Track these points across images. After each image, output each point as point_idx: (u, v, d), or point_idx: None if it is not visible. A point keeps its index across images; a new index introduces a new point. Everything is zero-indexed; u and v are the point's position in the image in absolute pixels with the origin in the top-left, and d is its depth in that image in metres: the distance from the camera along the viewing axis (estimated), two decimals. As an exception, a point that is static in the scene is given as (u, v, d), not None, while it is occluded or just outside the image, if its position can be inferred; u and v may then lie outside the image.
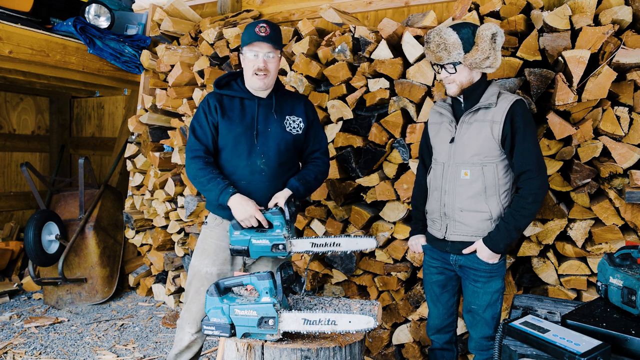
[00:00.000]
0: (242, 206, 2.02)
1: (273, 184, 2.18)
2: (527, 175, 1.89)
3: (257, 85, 2.16)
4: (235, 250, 2.02)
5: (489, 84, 2.00)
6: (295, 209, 2.07)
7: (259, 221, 2.03)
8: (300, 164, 2.37)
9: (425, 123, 2.23)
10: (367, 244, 1.98)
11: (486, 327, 2.05)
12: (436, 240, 2.12)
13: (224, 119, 2.16)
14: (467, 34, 1.88)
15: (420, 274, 2.74)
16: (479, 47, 1.87)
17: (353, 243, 1.98)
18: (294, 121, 2.24)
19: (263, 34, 2.08)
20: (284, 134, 2.20)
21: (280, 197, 2.12)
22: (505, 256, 2.04)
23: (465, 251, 2.01)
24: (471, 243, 2.00)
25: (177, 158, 3.72)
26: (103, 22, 4.12)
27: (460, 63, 1.91)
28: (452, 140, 2.02)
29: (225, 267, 2.25)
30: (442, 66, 1.95)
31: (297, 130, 2.24)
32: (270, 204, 2.13)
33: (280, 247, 1.94)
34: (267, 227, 2.03)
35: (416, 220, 2.29)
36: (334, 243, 1.98)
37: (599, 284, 1.56)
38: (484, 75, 2.00)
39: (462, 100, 2.02)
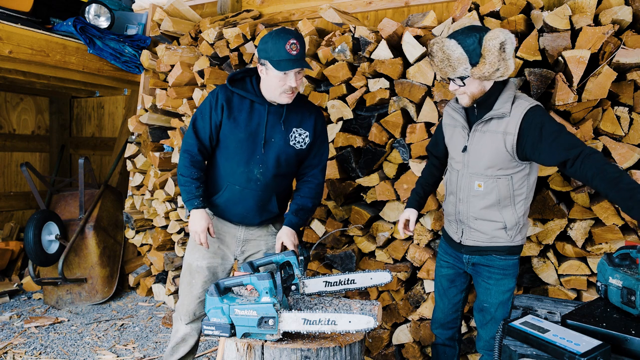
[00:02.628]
0: (197, 221, 2.09)
1: (266, 194, 2.19)
2: (580, 157, 1.67)
3: (283, 101, 2.06)
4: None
5: (504, 86, 1.88)
6: (308, 255, 1.98)
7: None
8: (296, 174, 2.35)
9: (440, 121, 2.19)
10: (382, 278, 1.93)
11: (496, 327, 2.03)
12: (451, 240, 2.11)
13: (229, 119, 2.11)
14: (472, 45, 1.74)
15: (420, 274, 2.74)
16: (487, 60, 1.73)
17: (367, 279, 1.94)
18: (299, 134, 2.17)
19: (295, 53, 1.95)
20: (286, 148, 2.15)
21: (284, 238, 2.13)
22: (519, 256, 2.02)
23: None
24: (487, 248, 1.98)
25: (177, 158, 3.72)
26: (103, 22, 4.12)
27: (468, 76, 1.80)
28: (464, 149, 1.96)
29: (214, 261, 2.26)
30: (450, 79, 1.86)
31: (301, 145, 2.18)
32: (277, 247, 2.15)
33: (293, 288, 1.90)
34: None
35: (413, 193, 2.26)
36: (348, 280, 1.94)
37: (598, 284, 1.55)
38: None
39: (475, 106, 1.92)
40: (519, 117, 1.80)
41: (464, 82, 1.82)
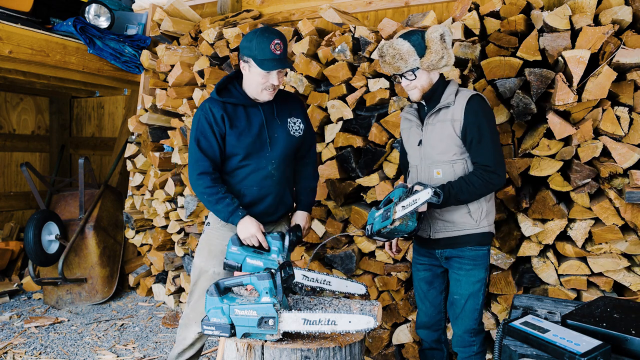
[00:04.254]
0: (247, 226, 2.04)
1: (282, 186, 2.25)
2: (485, 169, 1.94)
3: (265, 98, 2.13)
4: (228, 265, 2.01)
5: (447, 84, 2.05)
6: (296, 239, 2.05)
7: (259, 243, 2.05)
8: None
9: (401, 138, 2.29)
10: (355, 289, 1.96)
11: (467, 320, 2.05)
12: (421, 239, 2.13)
13: (232, 129, 2.12)
14: (417, 40, 1.94)
15: (420, 274, 2.74)
16: (432, 49, 1.93)
17: (342, 285, 1.97)
18: (294, 123, 2.25)
19: (279, 53, 2.03)
20: (289, 138, 2.22)
21: (300, 220, 2.29)
22: (489, 247, 2.07)
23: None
24: (458, 238, 2.02)
25: (177, 158, 3.72)
26: (103, 22, 4.12)
27: (418, 68, 1.96)
28: (420, 143, 2.07)
29: None
30: (401, 75, 2.00)
31: (299, 132, 2.26)
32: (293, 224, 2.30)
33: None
34: (266, 248, 2.04)
35: None
36: (324, 280, 1.97)
37: (367, 226, 1.99)
38: (441, 76, 2.06)
39: (424, 103, 2.08)
40: (463, 104, 1.97)
41: (415, 75, 1.98)
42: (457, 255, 2.04)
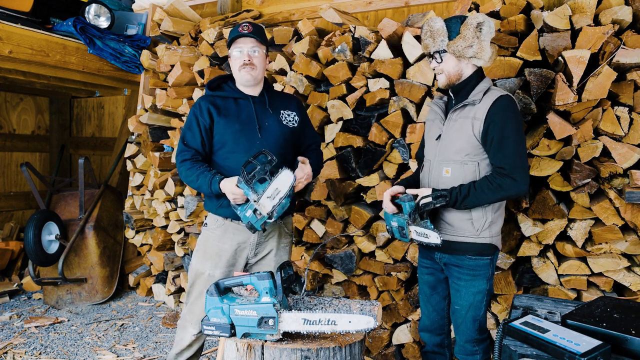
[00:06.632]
0: (227, 186, 2.03)
1: None
2: (499, 172, 1.84)
3: (245, 78, 2.19)
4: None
5: (481, 80, 1.95)
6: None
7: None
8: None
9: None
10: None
11: (468, 331, 1.99)
12: None
13: (220, 117, 2.19)
14: (455, 23, 1.88)
15: (420, 274, 2.74)
16: (462, 34, 1.86)
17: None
18: (288, 115, 2.29)
19: (245, 31, 2.16)
20: (282, 127, 2.25)
21: (300, 166, 2.20)
22: (490, 257, 1.96)
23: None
24: (455, 244, 1.95)
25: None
26: (103, 22, 4.12)
27: (445, 51, 1.90)
28: (438, 137, 2.00)
29: (227, 270, 2.26)
30: (432, 56, 1.95)
31: (293, 124, 2.29)
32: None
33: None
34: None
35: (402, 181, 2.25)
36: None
37: (387, 227, 2.08)
38: (477, 71, 1.95)
39: (453, 96, 2.00)
40: (488, 104, 1.87)
41: (441, 58, 1.92)
42: (456, 263, 1.96)
